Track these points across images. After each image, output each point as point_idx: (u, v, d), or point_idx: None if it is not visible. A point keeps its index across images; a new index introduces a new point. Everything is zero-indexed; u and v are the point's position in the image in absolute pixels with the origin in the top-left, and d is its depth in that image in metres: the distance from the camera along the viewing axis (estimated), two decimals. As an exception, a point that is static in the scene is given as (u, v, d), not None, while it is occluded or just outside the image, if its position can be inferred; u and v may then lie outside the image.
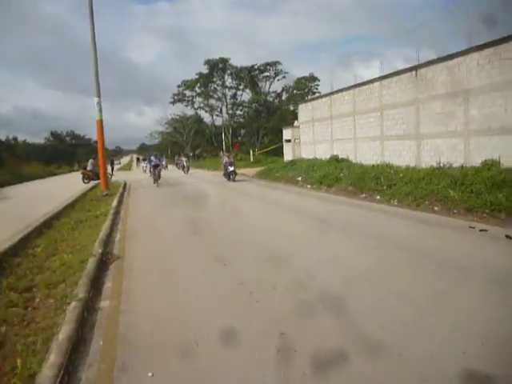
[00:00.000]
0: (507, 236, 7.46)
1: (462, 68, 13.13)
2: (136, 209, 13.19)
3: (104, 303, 4.72)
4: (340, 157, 20.68)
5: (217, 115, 61.74)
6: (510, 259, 6.26)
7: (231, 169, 22.12)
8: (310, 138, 25.35)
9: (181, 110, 64.32)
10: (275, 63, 56.50)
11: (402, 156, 16.24)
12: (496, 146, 11.80)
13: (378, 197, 13.55)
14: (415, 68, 15.47)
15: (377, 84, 17.95)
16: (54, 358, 3.18)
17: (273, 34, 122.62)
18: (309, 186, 18.22)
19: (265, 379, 3.04)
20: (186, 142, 64.31)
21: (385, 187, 13.96)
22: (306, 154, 25.77)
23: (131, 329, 4.00)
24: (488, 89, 12.13)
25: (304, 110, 26.58)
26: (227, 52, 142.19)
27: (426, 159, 14.75)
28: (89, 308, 4.44)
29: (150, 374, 3.20)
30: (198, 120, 64.10)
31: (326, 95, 23.45)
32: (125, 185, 22.40)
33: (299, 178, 20.06)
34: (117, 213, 11.77)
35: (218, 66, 56.30)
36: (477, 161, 12.24)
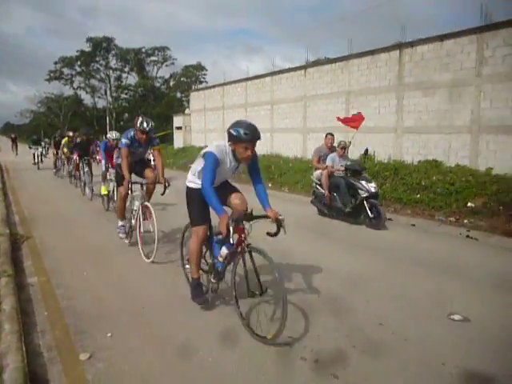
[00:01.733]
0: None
1: (345, 71, 14.80)
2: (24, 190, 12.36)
3: (32, 279, 4.70)
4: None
5: (99, 97, 58.50)
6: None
7: None
8: (201, 126, 25.77)
9: (58, 88, 59.32)
10: (164, 48, 55.44)
11: (290, 148, 17.63)
12: (370, 142, 13.61)
13: (270, 184, 14.63)
14: (304, 67, 16.91)
15: (268, 79, 19.11)
16: (9, 326, 3.26)
17: (158, 19, 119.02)
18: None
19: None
20: (63, 124, 59.68)
21: (276, 176, 15.13)
22: (197, 141, 26.13)
23: (73, 301, 4.14)
24: (366, 92, 13.91)
25: (196, 99, 26.88)
26: (111, 32, 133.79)
27: (311, 151, 16.25)
28: (18, 284, 4.42)
29: (109, 335, 3.47)
30: (78, 101, 59.88)
31: (219, 85, 24.06)
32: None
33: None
34: (5, 194, 10.95)
35: (101, 46, 53.28)
36: (355, 154, 13.97)
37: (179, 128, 29.44)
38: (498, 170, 9.92)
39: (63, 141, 14.62)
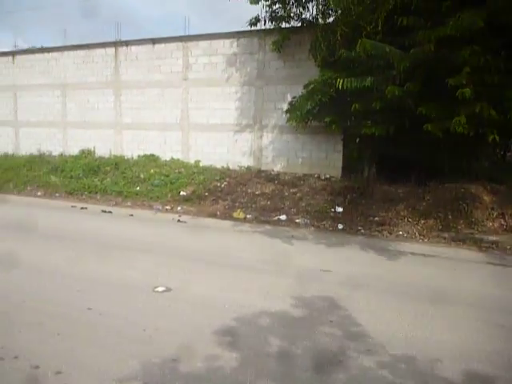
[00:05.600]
0: (103, 210, 9.03)
1: (60, 63, 14.00)
2: None
3: None
4: None
5: None
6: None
7: None
8: None
9: None
10: None
11: (1, 143, 15.47)
12: (91, 138, 13.39)
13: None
14: (12, 53, 15.11)
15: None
16: None
17: None
18: None
19: None
20: None
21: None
22: None
23: None
24: (83, 86, 13.55)
25: None
26: None
27: (25, 147, 14.71)
28: None
29: None
30: None
31: None
32: None
33: None
34: None
35: None
36: (74, 150, 13.48)
37: None
38: (205, 162, 11.44)
39: None
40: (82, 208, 9.40)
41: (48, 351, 3.38)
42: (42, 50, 14.71)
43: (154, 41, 12.51)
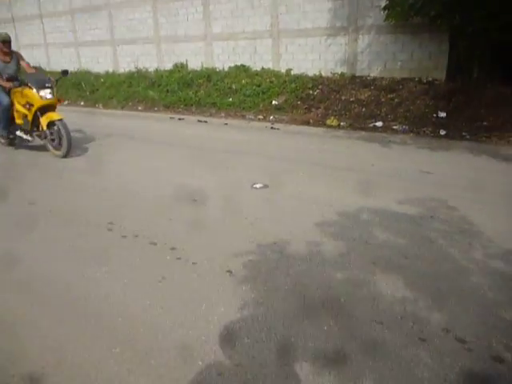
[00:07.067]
0: (199, 120, 9.36)
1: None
2: None
3: None
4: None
5: None
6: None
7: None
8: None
9: None
10: None
11: (99, 62, 16.34)
12: (183, 51, 13.54)
13: (82, 103, 13.63)
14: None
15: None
16: None
17: None
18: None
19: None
20: None
21: (88, 93, 14.10)
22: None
23: None
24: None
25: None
26: None
27: (123, 64, 15.40)
28: None
29: None
30: None
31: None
32: None
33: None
34: None
35: None
36: (168, 65, 13.78)
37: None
38: (296, 71, 11.07)
39: None
40: (179, 119, 9.84)
41: (162, 231, 3.75)
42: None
43: None
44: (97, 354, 2.29)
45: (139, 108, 11.86)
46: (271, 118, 9.39)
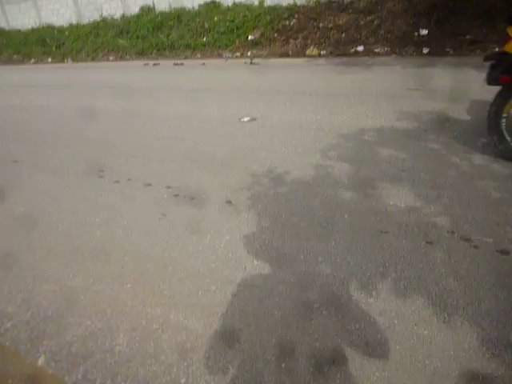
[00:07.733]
0: (175, 63, 8.96)
1: None
2: None
3: None
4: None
5: None
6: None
7: None
8: None
9: None
10: None
11: (61, 14, 15.37)
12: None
13: (50, 59, 12.99)
14: None
15: None
16: None
17: None
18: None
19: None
20: None
21: (54, 48, 13.40)
22: None
23: None
24: None
25: None
26: None
27: (86, 14, 14.50)
28: None
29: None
30: None
31: None
32: None
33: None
34: None
35: None
36: (134, 10, 13.02)
37: None
38: (270, 2, 10.51)
39: None
40: (154, 64, 9.42)
41: (155, 172, 3.67)
42: None
43: None
44: (108, 291, 2.28)
45: (110, 58, 11.34)
46: (249, 53, 9.05)
